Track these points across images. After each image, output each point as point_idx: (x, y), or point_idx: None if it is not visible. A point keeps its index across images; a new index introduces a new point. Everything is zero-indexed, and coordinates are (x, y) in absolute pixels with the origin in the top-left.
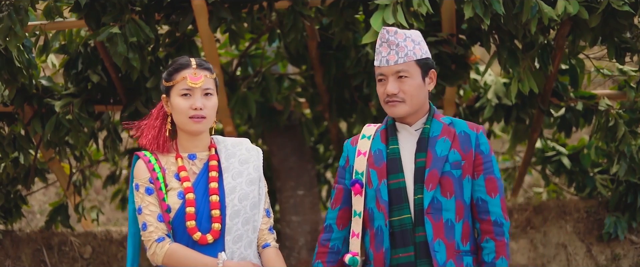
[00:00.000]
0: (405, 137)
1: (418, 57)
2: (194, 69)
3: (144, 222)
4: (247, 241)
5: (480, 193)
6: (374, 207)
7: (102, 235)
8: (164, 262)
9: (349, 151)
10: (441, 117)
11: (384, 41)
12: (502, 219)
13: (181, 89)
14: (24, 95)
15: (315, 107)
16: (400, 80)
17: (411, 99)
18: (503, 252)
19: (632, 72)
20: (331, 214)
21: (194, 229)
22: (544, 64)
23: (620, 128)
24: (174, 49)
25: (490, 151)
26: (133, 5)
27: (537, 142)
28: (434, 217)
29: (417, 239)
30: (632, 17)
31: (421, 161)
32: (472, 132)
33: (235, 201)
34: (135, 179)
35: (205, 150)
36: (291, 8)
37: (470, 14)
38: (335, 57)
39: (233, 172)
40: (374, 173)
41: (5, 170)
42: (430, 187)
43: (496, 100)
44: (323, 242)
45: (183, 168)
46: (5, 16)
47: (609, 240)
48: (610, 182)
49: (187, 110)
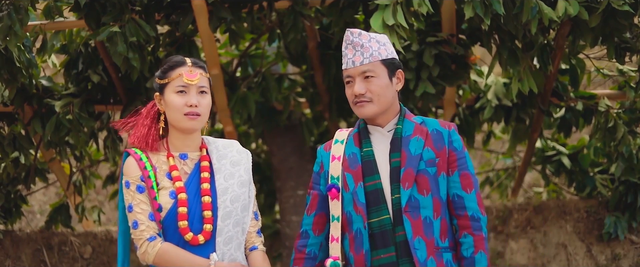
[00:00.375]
0: (379, 139)
1: (383, 57)
2: (189, 67)
3: (134, 220)
4: (237, 243)
5: (455, 189)
6: (352, 211)
7: (102, 235)
8: (154, 262)
9: (322, 157)
10: (412, 117)
11: (349, 43)
12: (479, 214)
13: (177, 86)
14: (24, 95)
15: (315, 107)
16: (367, 81)
17: (378, 98)
18: (482, 246)
19: (631, 73)
20: (307, 220)
21: (186, 229)
22: (544, 64)
23: (620, 128)
24: (174, 49)
25: (463, 148)
26: (133, 5)
27: (537, 142)
28: (413, 215)
29: (397, 239)
30: (632, 17)
31: (396, 161)
32: (444, 130)
33: (227, 203)
34: (125, 176)
35: (197, 150)
36: (291, 8)
37: (471, 14)
38: (335, 57)
39: (225, 173)
40: (349, 177)
41: (6, 170)
42: (406, 185)
43: (496, 100)
44: (300, 248)
45: (175, 167)
46: (5, 15)
47: (609, 240)
48: (610, 182)
49: (182, 107)
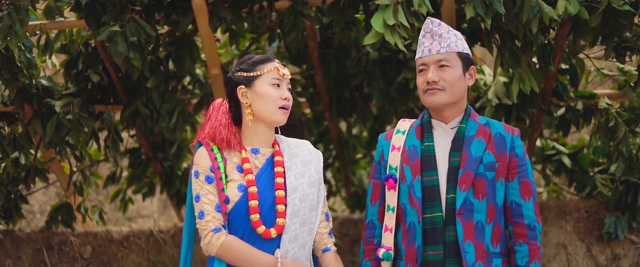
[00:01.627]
0: (441, 135)
1: (460, 50)
2: (278, 63)
3: (201, 210)
4: (302, 242)
5: (514, 196)
6: (407, 203)
7: (102, 235)
8: (218, 254)
9: (383, 146)
10: (477, 117)
11: (428, 31)
12: (535, 223)
13: (272, 78)
14: (24, 95)
15: (316, 106)
16: (442, 69)
17: (451, 88)
18: (536, 255)
19: (633, 71)
20: (372, 210)
21: (258, 222)
22: (545, 63)
23: (621, 128)
24: (174, 48)
25: (525, 154)
26: (133, 5)
27: (537, 141)
28: (465, 218)
29: (446, 238)
30: (633, 16)
31: (455, 161)
32: (508, 135)
33: (296, 201)
34: (195, 166)
35: (269, 146)
36: (291, 8)
37: (472, 14)
38: (335, 57)
39: (296, 172)
40: (407, 169)
41: (6, 170)
42: (463, 188)
43: (496, 100)
44: (368, 240)
45: (247, 160)
46: (6, 15)
47: (609, 240)
48: (610, 181)
49: (277, 99)
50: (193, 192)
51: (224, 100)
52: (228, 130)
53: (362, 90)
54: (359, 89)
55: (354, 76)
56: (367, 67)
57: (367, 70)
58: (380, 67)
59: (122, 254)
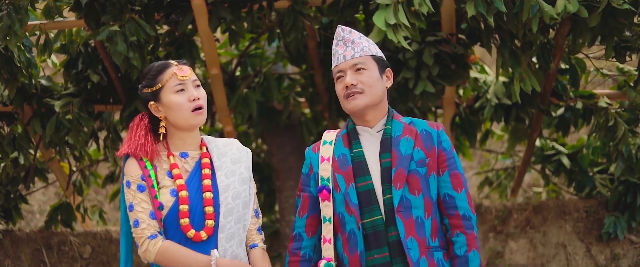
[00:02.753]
0: (368, 140)
1: (373, 53)
2: (177, 66)
3: (135, 219)
4: (239, 240)
5: (446, 189)
6: (344, 212)
7: (102, 235)
8: (156, 260)
9: (311, 158)
10: (400, 118)
11: (340, 40)
12: (470, 213)
13: (174, 86)
14: (23, 95)
15: (315, 106)
16: (359, 73)
17: (370, 90)
18: (474, 244)
19: (633, 71)
20: (299, 223)
21: (188, 226)
22: (544, 63)
23: (620, 127)
24: (173, 48)
25: (452, 148)
26: (133, 4)
27: (537, 141)
28: (405, 215)
29: (390, 239)
30: (632, 15)
31: (387, 161)
32: (433, 130)
33: (229, 199)
34: (126, 176)
35: (197, 148)
36: (291, 7)
37: (473, 12)
38: None
39: (226, 170)
40: (340, 178)
41: (5, 170)
42: (398, 186)
43: (496, 100)
44: (294, 251)
45: (175, 166)
46: (5, 15)
47: (609, 240)
48: (609, 181)
49: (186, 103)
50: (126, 202)
51: (143, 114)
52: (144, 141)
53: None
54: None
55: None
56: None
57: None
58: None
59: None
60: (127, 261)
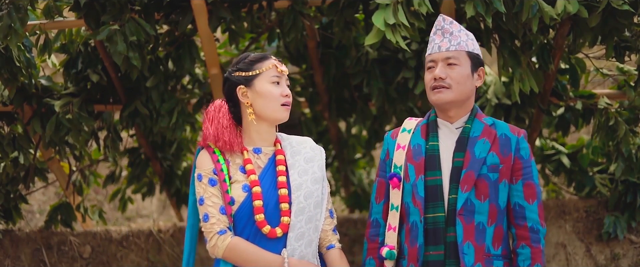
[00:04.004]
0: (446, 135)
1: (470, 49)
2: (275, 60)
3: (205, 213)
4: (308, 240)
5: (518, 198)
6: (410, 202)
7: (102, 235)
8: (224, 256)
9: (389, 144)
10: (483, 118)
11: (439, 28)
12: (539, 226)
13: (272, 76)
14: (23, 94)
15: (315, 106)
16: (450, 67)
17: (458, 86)
18: (539, 259)
19: (633, 71)
20: (376, 208)
21: (263, 222)
22: (544, 63)
23: (621, 127)
24: (173, 48)
25: (531, 156)
26: (132, 4)
27: (537, 141)
28: (466, 219)
29: (447, 239)
30: (632, 16)
31: (459, 161)
32: (513, 136)
33: (300, 198)
34: (197, 169)
35: (271, 145)
36: (291, 7)
37: (472, 13)
38: (335, 57)
39: (299, 169)
40: (411, 168)
41: (5, 170)
42: (465, 188)
43: (496, 99)
44: (372, 238)
45: (249, 161)
46: (5, 15)
47: (608, 239)
48: (609, 181)
49: (278, 96)
50: (196, 195)
51: (223, 101)
52: (230, 132)
53: (362, 90)
54: (359, 88)
55: (354, 76)
56: (366, 67)
57: (366, 70)
58: (380, 67)
59: (122, 253)
60: (190, 255)
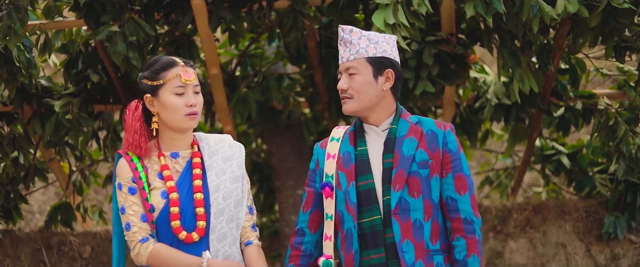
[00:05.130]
0: (373, 138)
1: (370, 54)
2: (183, 67)
3: (127, 222)
4: (232, 239)
5: (449, 192)
6: (344, 210)
7: (102, 235)
8: (148, 263)
9: (318, 154)
10: (408, 117)
11: (340, 40)
12: (472, 217)
13: (175, 87)
14: (23, 94)
15: (315, 106)
16: (350, 77)
17: (359, 95)
18: (474, 249)
19: (633, 71)
20: (302, 218)
21: (179, 228)
22: (544, 63)
23: (621, 127)
24: (173, 48)
25: (459, 149)
26: (132, 4)
27: (537, 141)
28: (402, 218)
29: (387, 240)
30: (633, 15)
31: (389, 162)
32: (440, 131)
33: (219, 199)
34: (118, 178)
35: (188, 148)
36: (291, 7)
37: (472, 13)
38: (334, 57)
39: (217, 170)
40: (343, 175)
41: (5, 170)
42: (397, 187)
43: (496, 99)
44: (295, 246)
45: (166, 167)
46: (5, 15)
47: (608, 239)
48: (609, 181)
49: (182, 107)
50: (118, 204)
51: (138, 103)
52: (141, 136)
53: None
54: None
55: None
56: None
57: None
58: None
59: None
60: (119, 262)
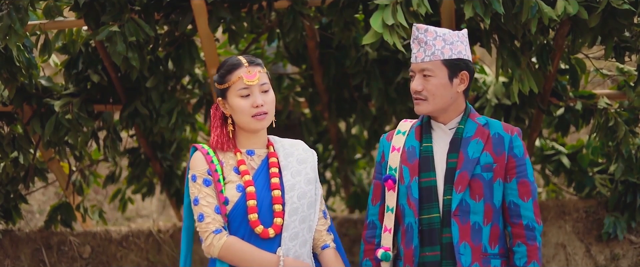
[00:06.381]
0: (439, 136)
1: (446, 56)
2: (247, 68)
3: (200, 213)
4: (302, 240)
5: (512, 197)
6: (405, 204)
7: (102, 235)
8: (220, 255)
9: (384, 147)
10: (477, 117)
11: (415, 39)
12: (534, 223)
13: (239, 89)
14: (23, 94)
15: (315, 106)
16: (425, 79)
17: (433, 98)
18: (535, 256)
19: (633, 71)
20: (372, 210)
21: (256, 222)
22: (544, 63)
23: (621, 128)
24: (173, 48)
25: (525, 154)
26: (132, 4)
27: (536, 141)
28: (461, 220)
29: (443, 240)
30: (632, 16)
31: (453, 162)
32: (507, 135)
33: (294, 199)
34: (192, 170)
35: (263, 147)
36: (291, 7)
37: (471, 14)
38: (334, 57)
39: (292, 170)
40: (406, 170)
41: (5, 170)
42: (459, 189)
43: (495, 100)
44: (369, 240)
45: (242, 162)
46: (5, 15)
47: (608, 240)
48: (609, 182)
49: (248, 109)
50: (191, 196)
51: (218, 105)
52: (221, 133)
53: (361, 90)
54: (358, 89)
55: (353, 76)
56: (366, 67)
57: (366, 70)
58: (380, 67)
59: (121, 254)
60: (187, 257)
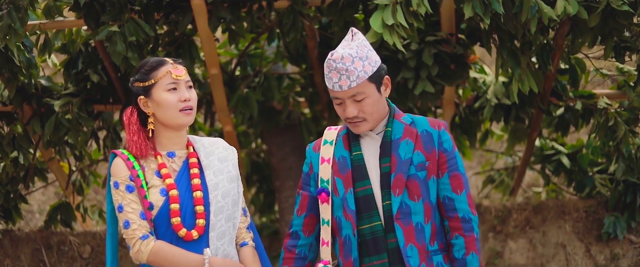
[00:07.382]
0: (368, 142)
1: (369, 74)
2: (172, 64)
3: (126, 220)
4: (229, 238)
5: (446, 191)
6: (342, 216)
7: (102, 234)
8: (148, 260)
9: (312, 158)
10: (402, 117)
11: (332, 69)
12: (470, 215)
13: (167, 84)
14: (23, 94)
15: (315, 106)
16: (358, 103)
17: (371, 116)
18: (473, 247)
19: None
20: (297, 221)
21: (179, 225)
22: (544, 63)
23: (621, 127)
24: (173, 48)
25: (453, 147)
26: (132, 4)
27: (536, 141)
28: (404, 222)
29: (389, 246)
30: (632, 16)
31: (386, 166)
32: (434, 130)
33: (218, 197)
34: (113, 177)
35: (183, 148)
36: (291, 7)
37: (470, 14)
38: None
39: (214, 169)
40: (339, 181)
41: (5, 169)
42: (397, 192)
43: (495, 100)
44: (289, 248)
45: (163, 165)
46: (5, 14)
47: (608, 240)
48: (609, 181)
49: (176, 103)
50: (114, 203)
51: (132, 108)
52: (139, 137)
53: None
54: None
55: None
56: None
57: None
58: None
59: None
60: (113, 263)
